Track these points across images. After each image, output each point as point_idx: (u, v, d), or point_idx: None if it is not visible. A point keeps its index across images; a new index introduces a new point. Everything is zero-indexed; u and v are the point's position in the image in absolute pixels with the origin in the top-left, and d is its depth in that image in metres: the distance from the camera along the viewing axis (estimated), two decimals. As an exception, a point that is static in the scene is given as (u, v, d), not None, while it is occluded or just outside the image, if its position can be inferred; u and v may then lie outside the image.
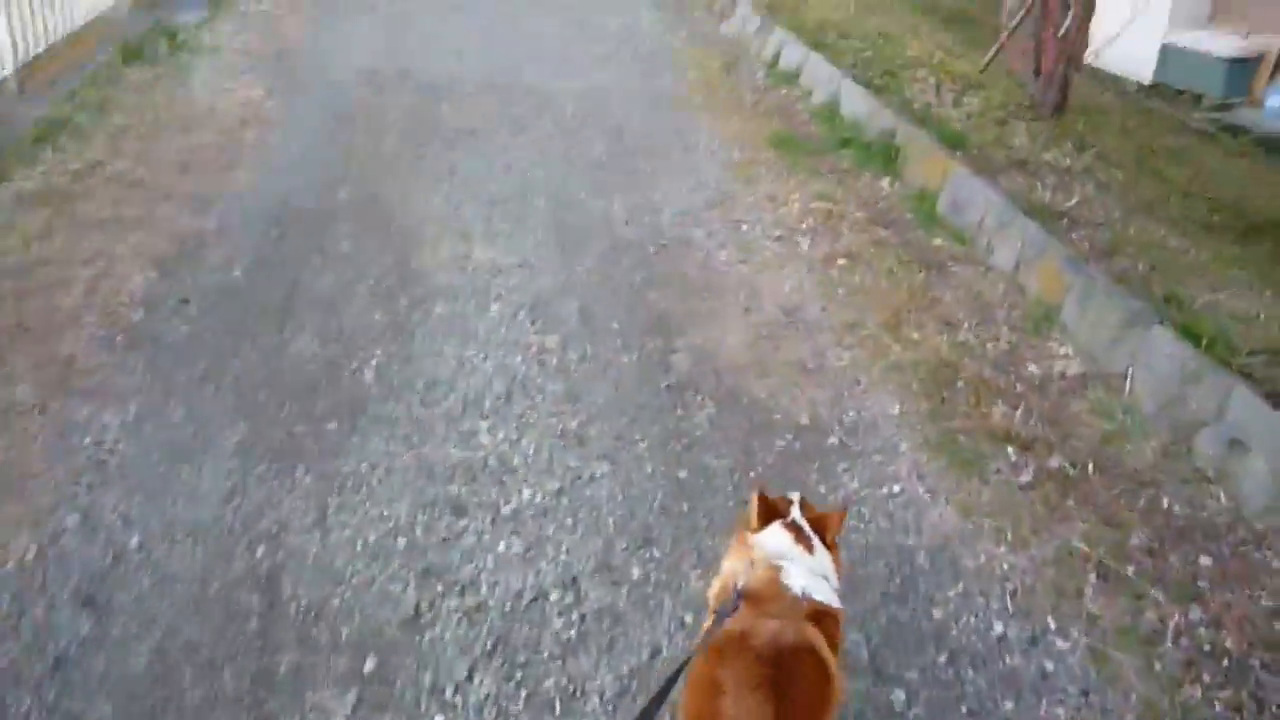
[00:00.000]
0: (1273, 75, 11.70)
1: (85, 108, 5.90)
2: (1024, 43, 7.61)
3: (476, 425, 3.33)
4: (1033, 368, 3.83)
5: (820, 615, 1.89)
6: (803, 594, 1.90)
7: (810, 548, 2.01)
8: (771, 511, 2.07)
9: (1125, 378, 3.66)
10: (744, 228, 4.91)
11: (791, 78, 7.26)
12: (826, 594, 1.95)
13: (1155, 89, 13.39)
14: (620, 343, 3.87)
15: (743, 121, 6.45)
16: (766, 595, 1.89)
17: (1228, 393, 3.26)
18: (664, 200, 5.18)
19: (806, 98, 6.90)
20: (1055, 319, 4.11)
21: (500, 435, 3.28)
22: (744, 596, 1.88)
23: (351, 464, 3.13)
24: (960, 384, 3.68)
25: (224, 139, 5.68)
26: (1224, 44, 11.74)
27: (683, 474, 3.17)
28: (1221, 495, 3.17)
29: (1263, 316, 3.82)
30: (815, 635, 1.84)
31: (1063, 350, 3.94)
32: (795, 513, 2.08)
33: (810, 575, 1.95)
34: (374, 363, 3.64)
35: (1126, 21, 8.95)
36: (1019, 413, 3.51)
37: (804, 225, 4.94)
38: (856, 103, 6.33)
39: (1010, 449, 3.34)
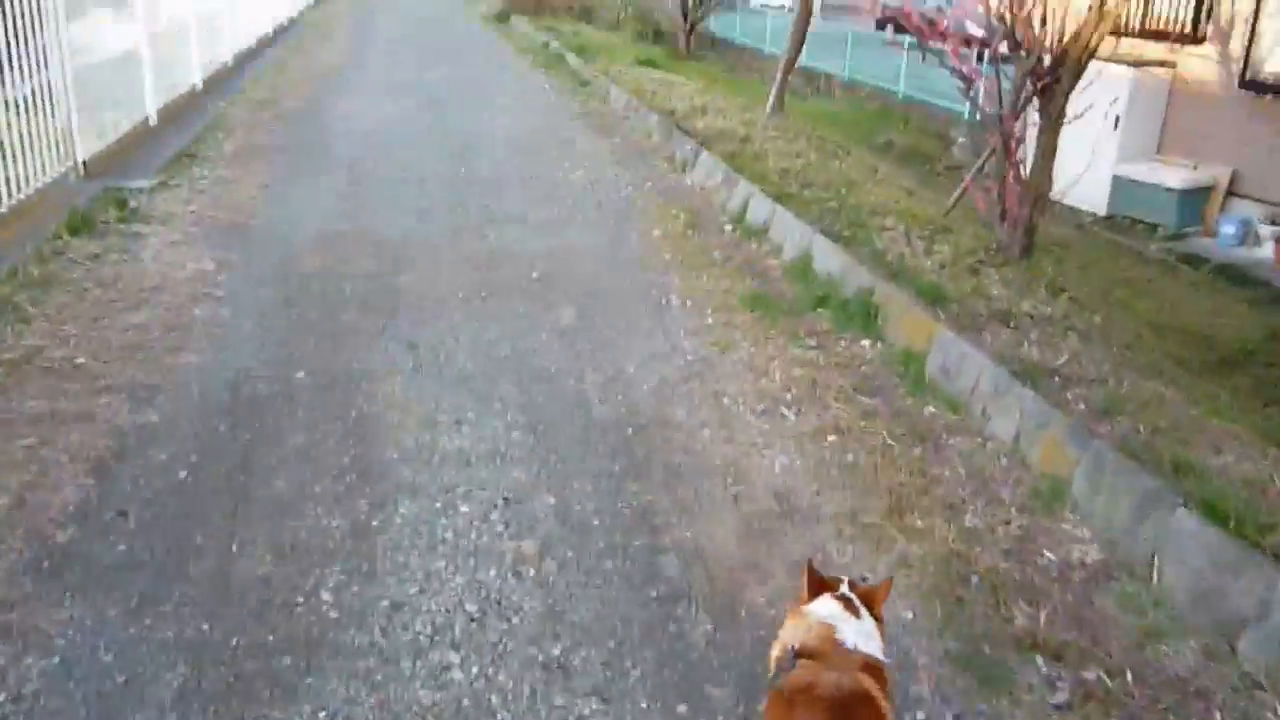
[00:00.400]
0: (1223, 204, 11.93)
1: (27, 286, 5.60)
2: (987, 183, 7.63)
3: (447, 657, 2.96)
4: (1049, 555, 3.55)
5: (872, 669, 2.09)
6: (855, 649, 2.11)
7: (858, 614, 2.23)
8: (821, 585, 2.31)
9: (1151, 566, 3.39)
10: (725, 401, 4.66)
11: (760, 232, 7.15)
12: (876, 650, 2.17)
13: (1110, 220, 13.62)
14: (602, 544, 3.54)
15: (714, 280, 6.28)
16: (823, 651, 2.10)
17: (1271, 586, 3.00)
18: (639, 373, 4.93)
19: (777, 252, 6.78)
20: (1065, 496, 3.85)
21: (474, 670, 2.92)
22: (801, 653, 2.09)
23: (307, 712, 2.75)
24: (974, 579, 3.38)
25: (172, 317, 5.39)
26: (1174, 175, 11.98)
27: (682, 709, 2.81)
28: (1277, 707, 2.86)
29: (1277, 480, 3.61)
30: (871, 684, 2.03)
31: (1078, 533, 3.67)
32: (844, 587, 2.30)
33: (860, 635, 2.16)
34: (332, 582, 3.28)
35: (1086, 164, 9.07)
36: (1043, 613, 3.21)
37: (788, 396, 4.69)
38: (829, 258, 6.19)
39: (1039, 659, 3.03)
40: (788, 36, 12.22)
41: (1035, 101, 7.26)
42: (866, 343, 5.35)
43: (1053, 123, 7.39)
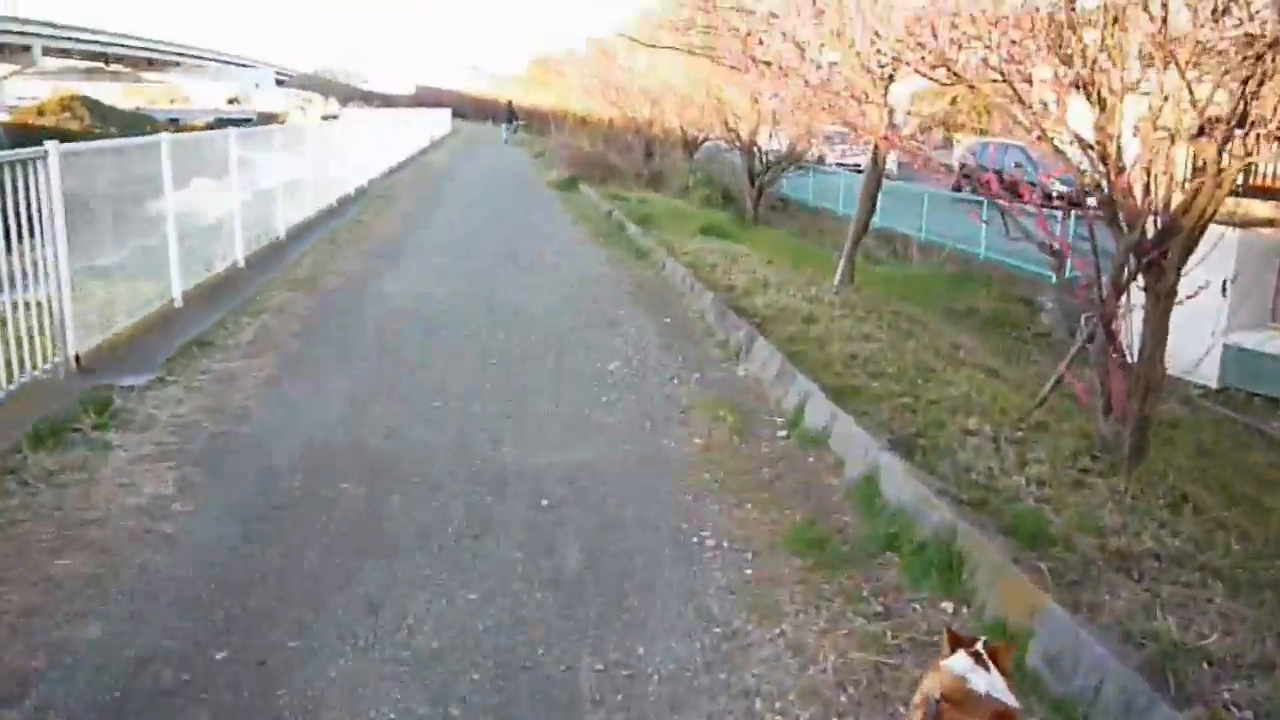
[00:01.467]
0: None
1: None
2: (1087, 371, 6.61)
3: None
4: None
5: (1004, 715, 2.47)
6: (987, 695, 2.47)
7: (988, 668, 2.54)
8: (958, 643, 2.62)
9: None
10: (758, 704, 3.51)
11: (818, 440, 6.07)
12: (1006, 697, 2.51)
13: (1224, 394, 12.29)
14: None
15: (760, 509, 5.19)
16: (960, 697, 2.44)
17: None
18: (650, 655, 3.82)
19: (838, 469, 5.68)
20: None
21: None
22: (942, 699, 2.42)
23: None
24: None
25: (100, 564, 4.47)
26: (1296, 345, 10.71)
27: None
28: None
29: None
30: None
31: None
32: (978, 646, 2.60)
33: (990, 684, 2.50)
34: None
35: (1201, 335, 7.96)
36: None
37: (842, 698, 3.52)
38: (900, 485, 5.06)
39: None
40: (858, 202, 11.42)
41: (1139, 278, 6.26)
42: (948, 606, 4.17)
43: (1162, 302, 6.34)
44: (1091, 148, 6.13)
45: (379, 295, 10.55)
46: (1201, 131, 5.69)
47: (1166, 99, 5.62)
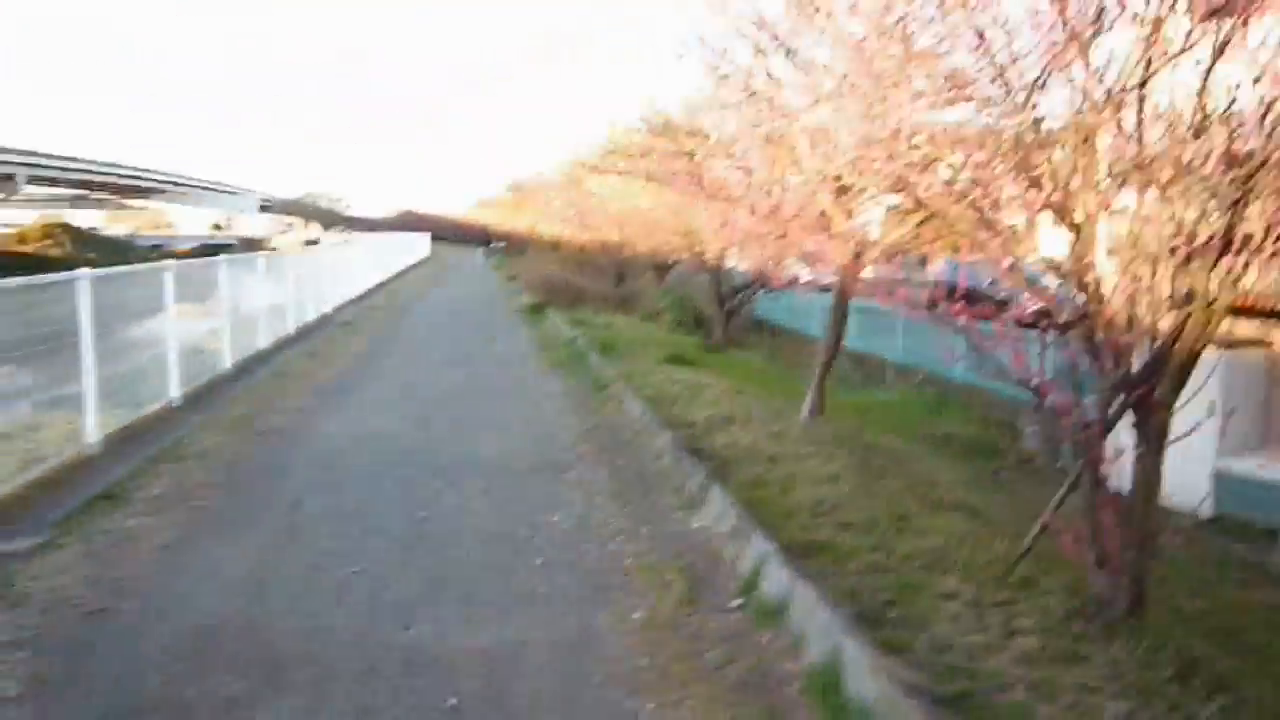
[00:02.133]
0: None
1: None
2: (1074, 521, 5.97)
3: None
4: None
5: None
6: None
7: None
8: None
9: None
10: None
11: (775, 612, 5.30)
12: None
13: (1218, 522, 11.62)
14: None
15: (701, 705, 4.41)
16: None
17: None
18: None
19: (795, 652, 4.89)
20: None
21: None
22: None
23: None
24: None
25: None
26: (1290, 470, 10.13)
27: None
28: None
29: None
30: None
31: None
32: None
33: None
34: None
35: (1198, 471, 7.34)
36: None
37: None
38: (866, 678, 4.29)
39: None
40: (825, 335, 10.87)
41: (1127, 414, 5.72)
42: None
43: (1154, 442, 5.75)
44: (1068, 276, 5.60)
45: (315, 438, 9.83)
46: (1189, 258, 5.17)
47: (1147, 220, 5.08)
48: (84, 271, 8.87)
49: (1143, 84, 4.80)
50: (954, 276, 6.16)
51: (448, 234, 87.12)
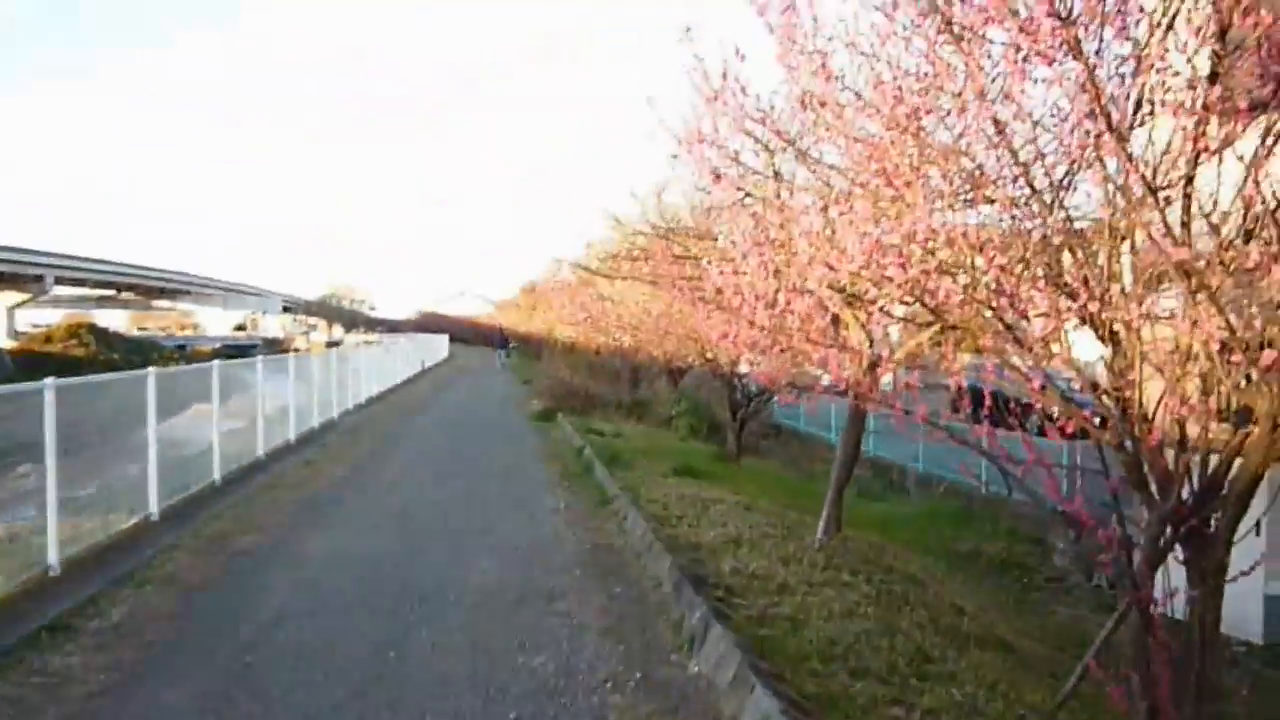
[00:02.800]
0: None
1: None
2: (1121, 668, 5.25)
3: None
4: None
5: None
6: None
7: None
8: None
9: None
10: None
11: (779, 791, 4.56)
12: None
13: (1273, 651, 10.79)
14: None
15: None
16: None
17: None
18: None
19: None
20: None
21: None
22: None
23: None
24: None
25: None
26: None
27: None
28: None
29: None
30: None
31: None
32: None
33: None
34: None
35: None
36: None
37: None
38: None
39: None
40: (838, 450, 10.20)
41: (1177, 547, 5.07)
42: None
43: (1210, 581, 5.05)
44: (1107, 394, 4.96)
45: (293, 561, 9.16)
46: (1248, 374, 4.55)
47: (1195, 326, 4.42)
48: (49, 381, 8.36)
49: (1188, 180, 4.24)
50: (976, 381, 5.53)
51: (467, 335, 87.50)
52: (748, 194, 5.77)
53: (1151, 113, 4.32)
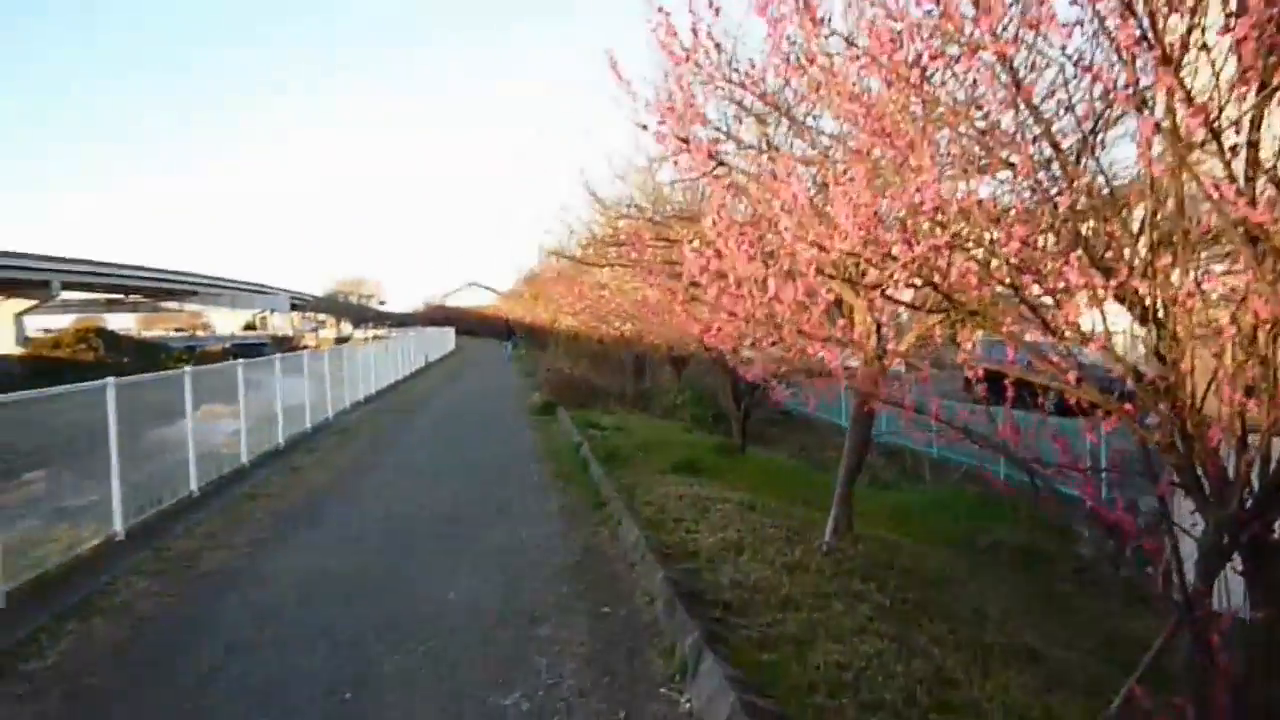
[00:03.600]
0: None
1: None
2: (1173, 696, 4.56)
3: None
4: None
5: None
6: None
7: None
8: None
9: None
10: None
11: None
12: None
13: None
14: None
15: None
16: None
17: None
18: None
19: None
20: None
21: None
22: None
23: None
24: None
25: None
26: None
27: None
28: None
29: None
30: None
31: None
32: None
33: None
34: None
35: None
36: None
37: None
38: None
39: None
40: (846, 446, 9.46)
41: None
42: None
43: (1275, 595, 4.36)
44: (1153, 386, 4.23)
45: (261, 580, 8.48)
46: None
47: (1263, 300, 3.68)
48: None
49: (1256, 122, 3.48)
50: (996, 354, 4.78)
51: (474, 327, 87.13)
52: (720, 162, 5.01)
53: (1204, 46, 3.56)
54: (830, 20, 4.17)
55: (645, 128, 5.02)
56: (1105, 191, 4.24)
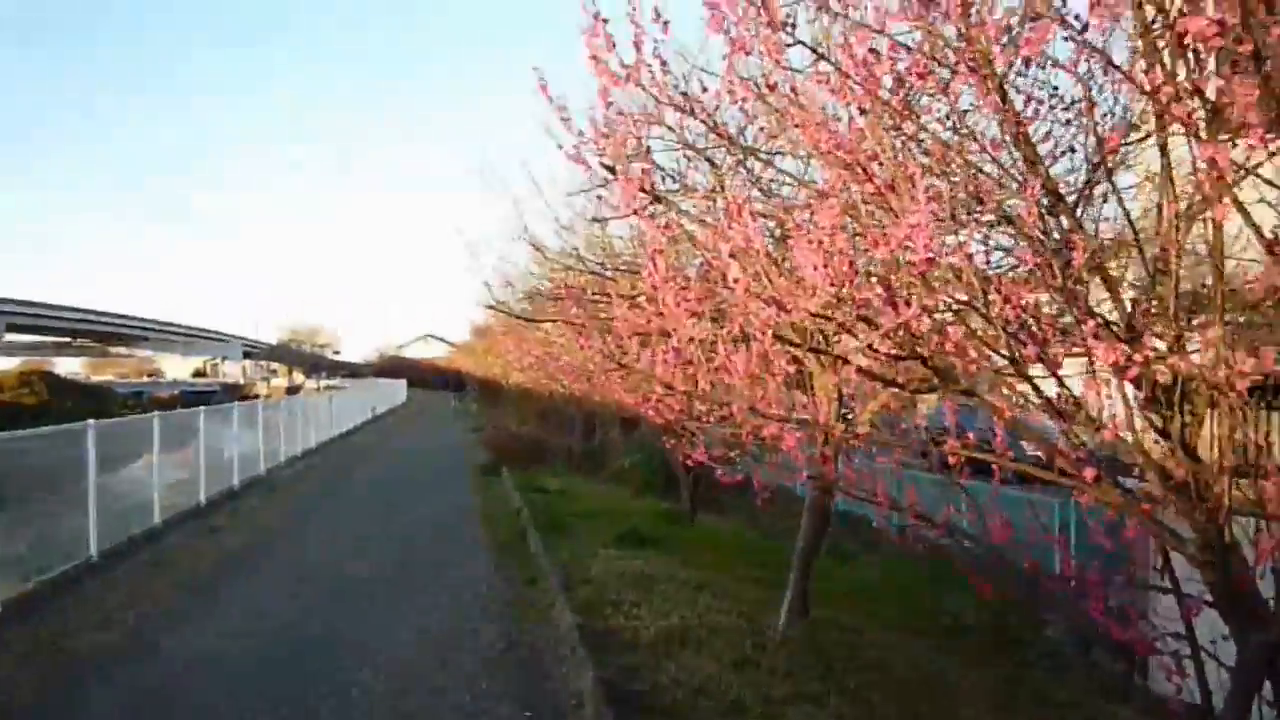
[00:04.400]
0: None
1: None
2: None
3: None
4: None
5: None
6: None
7: None
8: None
9: None
10: None
11: None
12: None
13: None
14: None
15: None
16: None
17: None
18: None
19: None
20: None
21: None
22: None
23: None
24: None
25: None
26: None
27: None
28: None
29: None
30: None
31: None
32: None
33: None
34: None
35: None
36: None
37: None
38: None
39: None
40: (801, 533, 8.68)
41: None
42: None
43: None
44: (1185, 487, 3.47)
45: (145, 666, 7.44)
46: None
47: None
48: None
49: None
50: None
51: (428, 377, 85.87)
52: (657, 198, 4.22)
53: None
54: (794, 29, 3.40)
55: (561, 147, 4.23)
56: (1130, 241, 3.51)
